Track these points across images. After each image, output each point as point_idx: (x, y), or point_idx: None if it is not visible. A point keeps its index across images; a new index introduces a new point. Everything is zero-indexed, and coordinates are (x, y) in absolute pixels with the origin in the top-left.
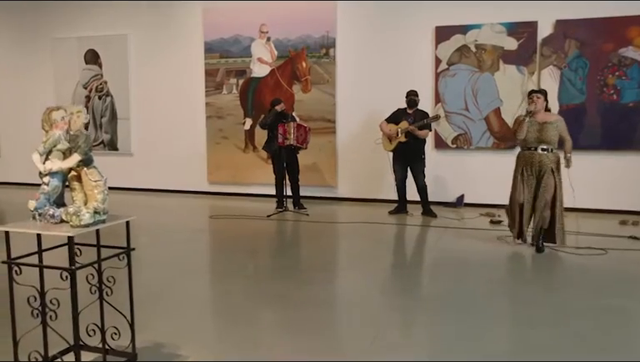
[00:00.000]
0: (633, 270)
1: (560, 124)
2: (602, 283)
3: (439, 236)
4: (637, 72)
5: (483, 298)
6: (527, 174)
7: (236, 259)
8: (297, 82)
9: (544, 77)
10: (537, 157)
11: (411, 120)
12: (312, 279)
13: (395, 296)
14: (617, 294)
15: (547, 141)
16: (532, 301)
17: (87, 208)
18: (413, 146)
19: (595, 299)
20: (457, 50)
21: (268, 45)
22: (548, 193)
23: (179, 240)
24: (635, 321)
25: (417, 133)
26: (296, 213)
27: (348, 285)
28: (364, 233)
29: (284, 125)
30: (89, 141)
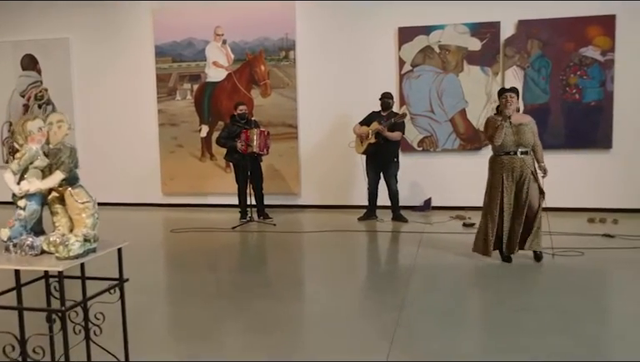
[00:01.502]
0: (619, 270)
1: (533, 126)
2: (596, 285)
3: (415, 242)
4: (597, 72)
5: (475, 306)
6: (507, 181)
7: (202, 277)
8: (255, 87)
9: (508, 77)
10: (519, 161)
11: (383, 122)
12: (282, 295)
13: (373, 311)
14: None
15: (525, 143)
16: (529, 307)
17: (75, 236)
18: (385, 149)
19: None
20: (420, 51)
21: (224, 48)
22: (535, 199)
23: (140, 259)
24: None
25: (386, 134)
26: (261, 224)
27: (321, 301)
28: (335, 242)
29: (247, 132)
30: (74, 155)
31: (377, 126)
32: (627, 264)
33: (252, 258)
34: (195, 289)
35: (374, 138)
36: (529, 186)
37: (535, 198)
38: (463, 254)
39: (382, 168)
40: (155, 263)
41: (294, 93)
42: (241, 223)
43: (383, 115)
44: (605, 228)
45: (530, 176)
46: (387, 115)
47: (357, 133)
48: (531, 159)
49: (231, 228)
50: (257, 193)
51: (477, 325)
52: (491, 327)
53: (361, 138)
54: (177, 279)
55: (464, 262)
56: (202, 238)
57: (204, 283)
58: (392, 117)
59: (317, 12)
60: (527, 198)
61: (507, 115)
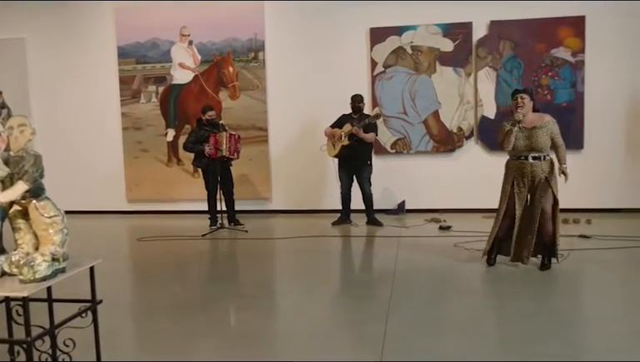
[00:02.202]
0: (601, 272)
1: (552, 127)
2: (582, 288)
3: (392, 247)
4: (568, 73)
5: (464, 314)
6: (518, 187)
7: (174, 289)
8: (223, 89)
9: (481, 78)
10: (529, 167)
11: (355, 123)
12: (259, 307)
13: (357, 321)
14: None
15: (539, 148)
16: (519, 313)
17: (42, 256)
18: (358, 151)
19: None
20: (392, 52)
21: (190, 49)
22: (548, 203)
23: (106, 270)
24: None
25: (361, 136)
26: (232, 230)
27: (301, 312)
28: (311, 248)
29: (216, 135)
30: (39, 164)
31: (351, 128)
32: (607, 266)
33: (224, 267)
34: (167, 302)
35: (347, 141)
36: (542, 193)
37: (548, 205)
38: (443, 258)
39: (355, 172)
40: (122, 276)
41: (264, 96)
42: (211, 230)
43: (355, 117)
44: (580, 229)
45: (543, 182)
46: (359, 117)
47: (328, 135)
48: (546, 164)
49: (201, 235)
50: (227, 199)
51: (469, 334)
52: (484, 336)
53: (333, 140)
54: (147, 293)
55: (445, 266)
56: (171, 246)
57: (176, 296)
58: (363, 118)
59: (286, 12)
60: (540, 206)
61: (516, 119)
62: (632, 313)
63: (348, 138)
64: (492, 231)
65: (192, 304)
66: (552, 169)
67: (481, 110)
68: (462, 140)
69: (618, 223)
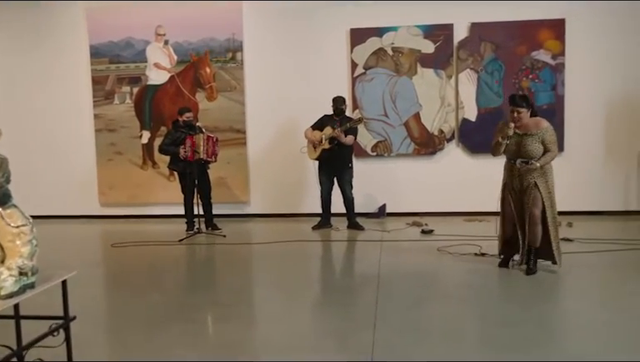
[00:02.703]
0: (586, 276)
1: (545, 135)
2: (568, 293)
3: (375, 251)
4: (548, 75)
5: (454, 321)
6: (509, 190)
7: (150, 298)
8: (200, 90)
9: (462, 80)
10: (517, 171)
11: (336, 126)
12: (241, 317)
13: (344, 330)
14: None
15: (527, 155)
16: (509, 321)
17: (8, 270)
18: (339, 154)
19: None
20: (373, 53)
21: (166, 49)
22: (536, 208)
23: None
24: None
25: (341, 140)
26: (210, 235)
27: (285, 321)
28: (291, 253)
29: (192, 137)
30: (5, 168)
31: (332, 131)
32: (591, 270)
33: (202, 274)
34: (143, 313)
35: (328, 144)
36: (529, 197)
37: (535, 205)
38: (427, 263)
39: (336, 174)
40: (95, 284)
41: (242, 97)
42: (188, 235)
43: (336, 119)
44: (562, 232)
45: (532, 187)
46: (341, 119)
47: (309, 139)
48: (535, 170)
49: (177, 240)
50: (204, 203)
51: (461, 343)
52: (476, 345)
53: (314, 143)
54: (122, 303)
55: (430, 271)
56: (147, 252)
57: (153, 305)
58: (346, 121)
59: (265, 12)
60: (529, 210)
61: (506, 134)
62: (618, 319)
63: (329, 141)
64: (499, 233)
65: (168, 315)
66: (542, 174)
67: (462, 112)
68: (444, 143)
69: (599, 225)
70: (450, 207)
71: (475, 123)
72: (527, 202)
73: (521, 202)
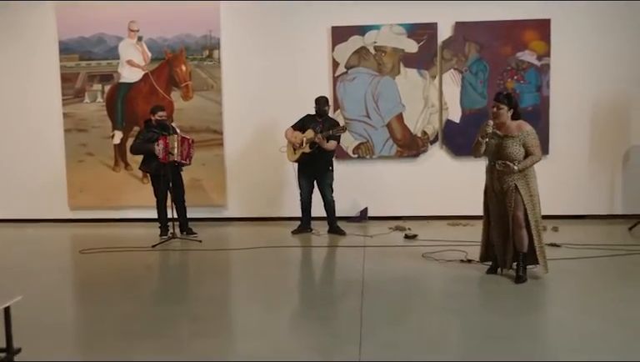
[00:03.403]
0: (576, 284)
1: (526, 138)
2: (559, 302)
3: (357, 258)
4: (533, 76)
5: (442, 334)
6: (490, 191)
7: (121, 310)
8: (175, 89)
9: (446, 80)
10: (496, 173)
11: (318, 129)
12: (218, 331)
13: (328, 345)
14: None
15: (506, 158)
16: (500, 334)
17: None
18: (319, 157)
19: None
20: (355, 52)
21: (140, 45)
22: (519, 210)
23: (42, 289)
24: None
25: (323, 145)
26: (185, 240)
27: (266, 336)
28: (271, 260)
29: (166, 138)
30: None
31: (313, 136)
32: (580, 277)
33: (177, 283)
34: (111, 327)
35: (309, 148)
36: (511, 200)
37: (519, 212)
38: (413, 270)
39: (316, 177)
40: (60, 295)
41: (219, 96)
42: (161, 240)
43: (319, 120)
44: (547, 237)
45: (513, 190)
46: (323, 121)
47: (289, 140)
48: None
49: (151, 246)
50: (178, 207)
51: (450, 358)
52: (465, 359)
53: (294, 145)
54: (88, 316)
55: (416, 279)
56: (118, 259)
57: (122, 319)
58: (328, 122)
59: (243, 8)
60: (511, 213)
61: (486, 132)
62: (608, 330)
63: (310, 145)
64: (482, 235)
65: (140, 329)
66: (522, 177)
67: (446, 114)
68: (427, 145)
69: (585, 230)
70: (433, 211)
71: (459, 124)
72: (509, 205)
73: (502, 204)
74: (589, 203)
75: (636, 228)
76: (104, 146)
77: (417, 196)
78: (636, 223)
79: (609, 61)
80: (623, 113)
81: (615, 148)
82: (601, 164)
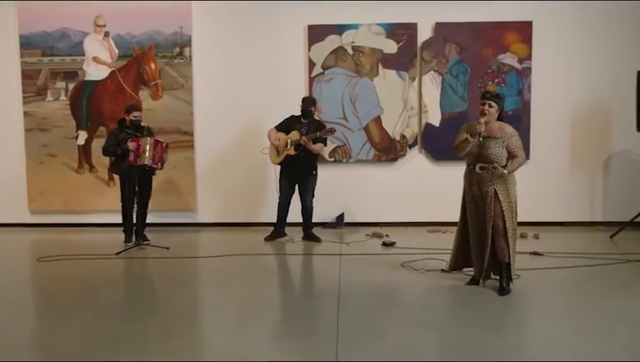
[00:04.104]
0: (561, 296)
1: (509, 139)
2: (545, 316)
3: (333, 267)
4: (515, 80)
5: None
6: (468, 196)
7: (81, 327)
8: (144, 88)
9: (425, 83)
10: (476, 176)
11: (304, 131)
12: (188, 352)
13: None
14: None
15: (488, 160)
16: (485, 351)
17: None
18: (304, 160)
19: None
20: (332, 52)
21: (106, 41)
22: (499, 218)
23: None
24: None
25: (309, 147)
26: (153, 248)
27: (240, 355)
28: (241, 269)
29: (138, 140)
30: None
31: (299, 138)
32: (563, 288)
33: (141, 294)
34: (67, 345)
35: (294, 151)
36: (490, 207)
37: (496, 215)
38: (391, 281)
39: (299, 181)
40: (10, 308)
41: (190, 96)
42: (126, 247)
43: (304, 122)
44: (529, 245)
45: (492, 194)
46: (309, 123)
47: (272, 142)
48: (496, 176)
49: (115, 253)
50: (141, 211)
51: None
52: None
53: (277, 147)
54: (42, 332)
55: (395, 291)
56: (79, 268)
57: (79, 335)
58: (314, 125)
59: (216, 4)
60: (490, 220)
61: (478, 131)
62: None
63: (295, 147)
64: (454, 242)
65: (96, 348)
66: (503, 181)
67: (425, 117)
68: (406, 149)
69: (566, 237)
70: (412, 217)
71: (439, 128)
72: (488, 211)
73: (481, 210)
74: (570, 210)
75: (617, 235)
76: (67, 147)
77: (396, 202)
78: (617, 231)
79: (591, 65)
80: (605, 118)
81: (596, 154)
82: (582, 170)
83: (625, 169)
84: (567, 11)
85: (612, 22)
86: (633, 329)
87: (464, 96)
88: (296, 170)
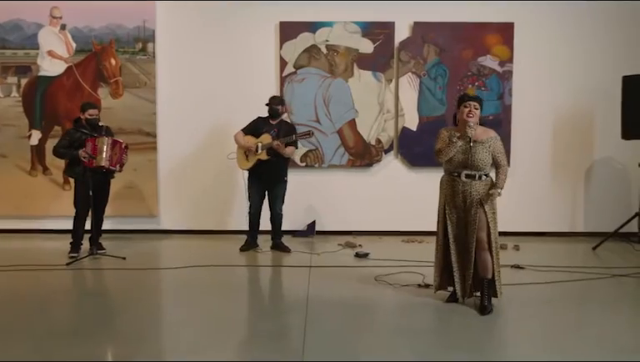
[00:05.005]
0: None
1: (494, 143)
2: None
3: (302, 281)
4: (495, 83)
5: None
6: (449, 208)
7: (23, 351)
8: (103, 85)
9: (403, 85)
10: (460, 185)
11: (274, 133)
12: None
13: None
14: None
15: (475, 166)
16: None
17: None
18: (275, 165)
19: None
20: (305, 51)
21: (63, 34)
22: (483, 231)
23: None
24: None
25: (282, 151)
26: (106, 258)
27: None
28: (202, 282)
29: (94, 140)
30: None
31: (271, 141)
32: (549, 306)
33: (91, 312)
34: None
35: (266, 155)
36: (475, 218)
37: (483, 233)
38: (364, 298)
39: (269, 188)
40: None
41: (153, 95)
42: (72, 258)
43: (273, 123)
44: (509, 257)
45: (477, 205)
46: (279, 125)
47: (242, 145)
48: (482, 185)
49: (64, 264)
50: (96, 217)
51: None
52: None
53: (247, 151)
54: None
55: (367, 310)
56: (24, 280)
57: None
58: (284, 127)
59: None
60: (474, 233)
61: (468, 134)
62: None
63: (267, 151)
64: (435, 259)
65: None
66: (487, 191)
67: (402, 121)
68: (381, 154)
69: (548, 249)
70: (387, 225)
71: (416, 132)
72: (472, 223)
73: (463, 222)
74: (551, 220)
75: (600, 247)
76: (19, 147)
77: (370, 209)
78: (600, 243)
79: (575, 69)
80: (588, 125)
81: (579, 162)
82: (564, 178)
83: (608, 178)
84: (550, 12)
85: (597, 25)
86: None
87: (443, 99)
88: (266, 176)
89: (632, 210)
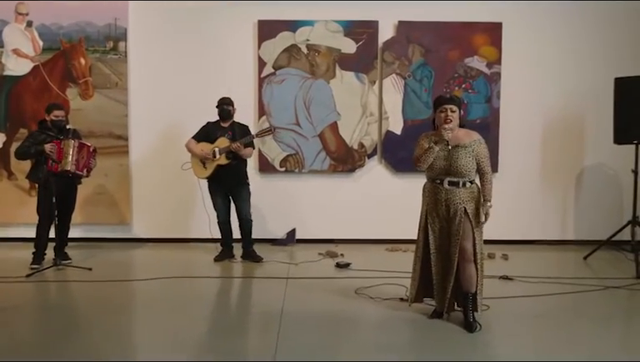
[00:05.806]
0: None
1: (477, 147)
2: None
3: (277, 295)
4: (483, 85)
5: None
6: (432, 217)
7: None
8: (72, 85)
9: (386, 87)
10: (444, 193)
11: (229, 136)
12: None
13: None
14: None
15: (458, 172)
16: None
17: None
18: (235, 169)
19: None
20: (285, 50)
21: (29, 32)
22: (467, 241)
23: None
24: None
25: (242, 153)
26: (71, 269)
27: None
28: (168, 296)
29: (59, 143)
30: None
31: (230, 143)
32: (540, 322)
33: (54, 329)
34: None
35: (226, 159)
36: (459, 227)
37: (468, 243)
38: (342, 313)
39: (232, 193)
40: None
41: (124, 96)
42: (33, 269)
43: (225, 126)
44: (497, 267)
45: (461, 213)
46: (232, 127)
47: (197, 154)
48: (466, 193)
49: (24, 276)
50: (61, 225)
51: None
52: None
53: (203, 159)
54: None
55: (345, 326)
56: None
57: None
58: (239, 129)
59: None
60: (457, 244)
61: (445, 138)
62: None
63: (226, 155)
64: (413, 271)
65: None
66: (472, 198)
67: (386, 124)
68: (364, 158)
69: (537, 258)
70: (370, 233)
71: (400, 136)
72: (455, 234)
73: (446, 232)
74: (540, 228)
75: (591, 256)
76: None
77: (352, 216)
78: (591, 252)
79: (565, 71)
80: (579, 129)
81: (569, 167)
82: (553, 184)
83: (600, 184)
84: (539, 12)
85: (588, 26)
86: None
87: (428, 102)
88: (228, 181)
89: (625, 218)
